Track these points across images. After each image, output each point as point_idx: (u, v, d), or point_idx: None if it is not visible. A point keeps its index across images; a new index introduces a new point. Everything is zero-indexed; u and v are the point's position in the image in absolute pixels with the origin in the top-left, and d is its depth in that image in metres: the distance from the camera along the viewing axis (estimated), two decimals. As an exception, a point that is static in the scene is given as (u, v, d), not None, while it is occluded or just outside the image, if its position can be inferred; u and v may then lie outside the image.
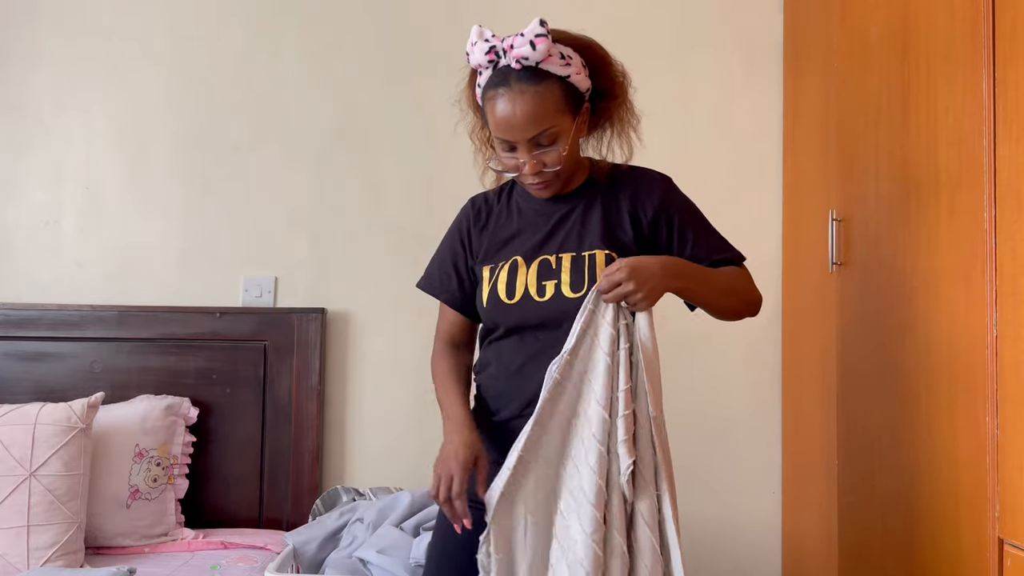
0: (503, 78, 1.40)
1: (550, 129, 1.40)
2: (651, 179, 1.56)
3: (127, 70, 2.54)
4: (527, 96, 1.38)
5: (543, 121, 1.39)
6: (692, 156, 2.52)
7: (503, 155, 1.46)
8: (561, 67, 1.41)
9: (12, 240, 2.52)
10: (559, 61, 1.41)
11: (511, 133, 1.40)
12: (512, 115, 1.39)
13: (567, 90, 1.42)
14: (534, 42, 1.37)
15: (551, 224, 1.52)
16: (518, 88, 1.39)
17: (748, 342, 2.50)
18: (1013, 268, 1.36)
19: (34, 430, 2.03)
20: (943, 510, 1.55)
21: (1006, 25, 1.39)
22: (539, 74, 1.39)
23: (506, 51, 1.39)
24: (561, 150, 1.42)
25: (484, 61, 1.41)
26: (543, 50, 1.37)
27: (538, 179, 1.45)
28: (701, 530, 2.47)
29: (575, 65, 1.44)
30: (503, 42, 1.40)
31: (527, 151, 1.42)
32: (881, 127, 1.83)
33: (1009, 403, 1.36)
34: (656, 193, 1.53)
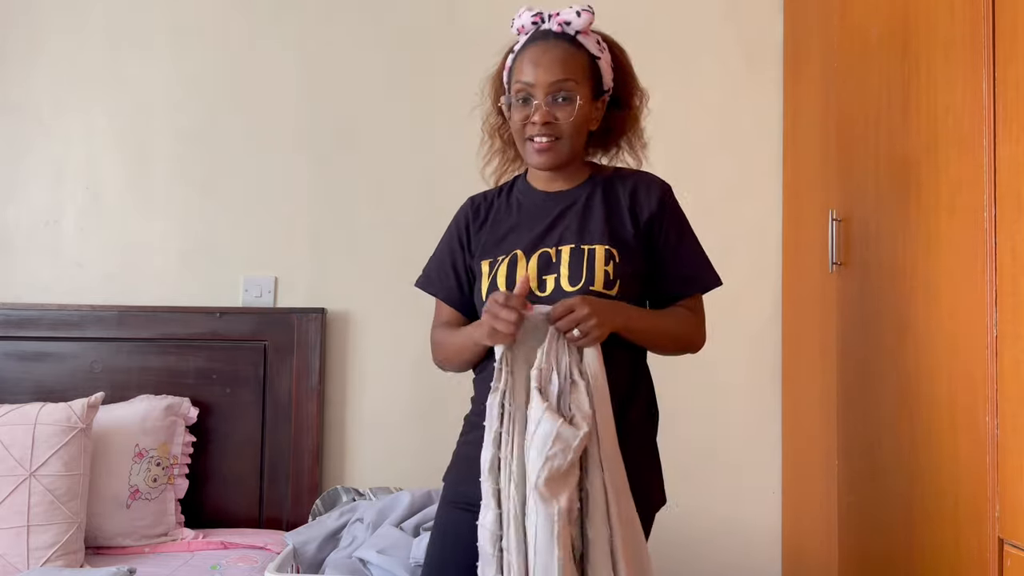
0: (542, 35, 1.49)
1: (570, 81, 1.46)
2: (650, 182, 1.57)
3: (127, 70, 2.54)
4: (559, 49, 1.46)
5: (567, 71, 1.46)
6: (692, 156, 2.52)
7: (517, 108, 1.49)
8: (595, 48, 1.50)
9: (12, 240, 2.52)
10: (595, 43, 1.51)
11: (535, 74, 1.46)
12: (542, 59, 1.46)
13: (594, 68, 1.50)
14: (580, 12, 1.47)
15: (551, 217, 1.52)
16: (553, 42, 1.47)
17: (748, 342, 2.50)
18: (1013, 268, 1.36)
19: (34, 430, 2.03)
20: (943, 510, 1.55)
21: (1006, 25, 1.39)
22: (575, 41, 1.48)
23: (551, 16, 1.49)
24: (575, 107, 1.46)
25: (528, 24, 1.50)
26: (586, 20, 1.47)
27: (545, 130, 1.46)
28: (701, 530, 2.47)
29: (606, 57, 1.52)
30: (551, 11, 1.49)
31: (543, 96, 1.46)
32: (881, 127, 1.83)
33: (1009, 403, 1.36)
34: (654, 197, 1.54)
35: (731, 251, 2.51)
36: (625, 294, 1.46)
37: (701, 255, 1.57)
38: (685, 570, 2.46)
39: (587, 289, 1.44)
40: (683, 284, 1.55)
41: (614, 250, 1.46)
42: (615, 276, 1.45)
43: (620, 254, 1.46)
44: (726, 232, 2.51)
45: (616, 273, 1.45)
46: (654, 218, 1.52)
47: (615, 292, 1.45)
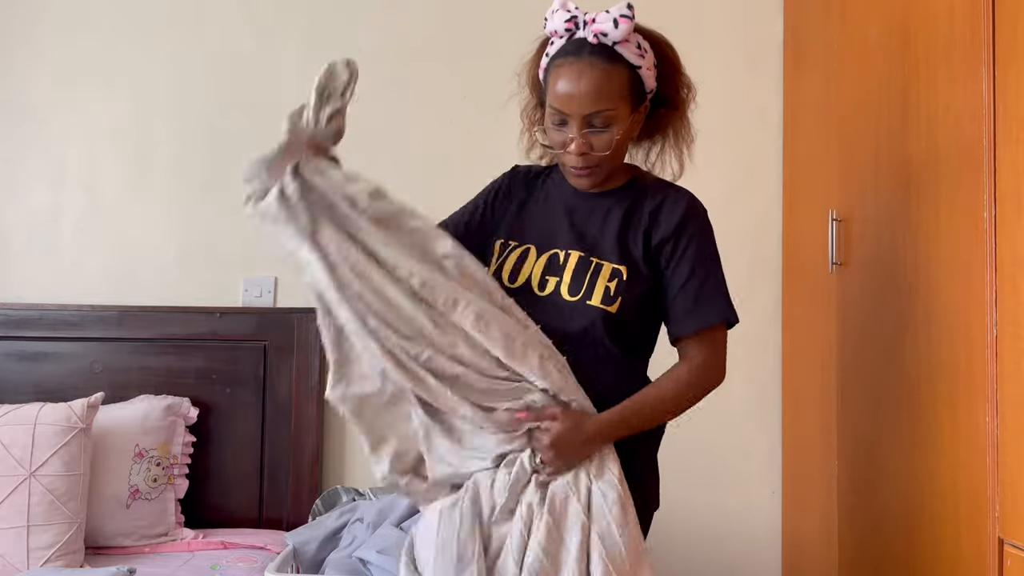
0: (576, 48, 1.38)
1: (607, 111, 1.37)
2: (678, 199, 1.48)
3: (127, 70, 2.54)
4: (596, 71, 1.36)
5: (604, 100, 1.37)
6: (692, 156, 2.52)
7: (553, 129, 1.42)
8: (635, 56, 1.39)
9: (12, 240, 2.52)
10: (635, 49, 1.39)
11: (569, 104, 1.37)
12: (576, 86, 1.36)
13: (634, 80, 1.40)
14: (618, 20, 1.35)
15: (573, 218, 1.48)
16: (588, 61, 1.36)
17: (748, 342, 2.50)
18: (1013, 268, 1.36)
19: (34, 430, 2.03)
20: (943, 510, 1.55)
21: (1006, 25, 1.39)
22: (612, 54, 1.37)
23: (586, 23, 1.37)
24: (614, 135, 1.39)
25: (562, 29, 1.39)
26: (624, 31, 1.36)
27: (581, 161, 1.41)
28: (701, 530, 2.47)
29: (648, 60, 1.42)
30: (586, 15, 1.38)
31: (579, 128, 1.38)
32: (881, 127, 1.83)
33: (1009, 403, 1.36)
34: (676, 215, 1.45)
35: (731, 251, 2.51)
36: (625, 314, 1.41)
37: (711, 288, 1.44)
38: (685, 570, 2.46)
39: (584, 303, 1.41)
40: (681, 320, 1.44)
41: (623, 268, 1.42)
42: (616, 294, 1.41)
43: (629, 273, 1.42)
44: (726, 232, 2.51)
45: (618, 291, 1.41)
46: (666, 241, 1.44)
47: (614, 309, 1.41)
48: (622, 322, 1.42)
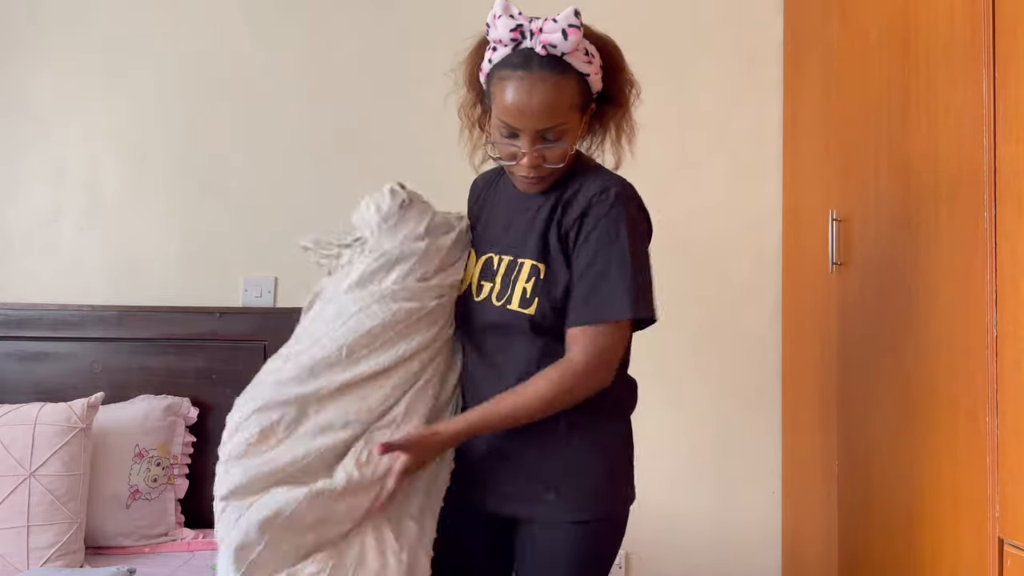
0: (525, 61, 1.31)
1: (560, 125, 1.33)
2: (592, 184, 1.40)
3: (127, 70, 2.54)
4: (547, 86, 1.30)
5: (556, 115, 1.32)
6: (693, 156, 2.53)
7: (501, 140, 1.37)
8: (583, 63, 1.34)
9: (12, 240, 2.52)
10: (583, 57, 1.33)
11: (521, 120, 1.32)
12: (526, 103, 1.30)
13: (582, 88, 1.35)
14: (567, 32, 1.28)
15: (510, 221, 1.46)
16: (539, 75, 1.30)
17: (748, 342, 2.50)
18: (1013, 268, 1.36)
19: (34, 430, 2.03)
20: (943, 510, 1.55)
21: (1006, 25, 1.39)
22: (562, 65, 1.31)
23: (533, 33, 1.30)
24: (566, 148, 1.35)
25: (507, 38, 1.31)
26: (574, 41, 1.29)
27: (534, 173, 1.37)
28: (701, 529, 2.47)
29: (595, 65, 1.37)
30: (531, 23, 1.31)
31: (531, 142, 1.33)
32: (881, 127, 1.83)
33: (1009, 403, 1.36)
34: (584, 200, 1.38)
35: (731, 251, 2.52)
36: (544, 315, 1.37)
37: (613, 278, 1.35)
38: (685, 570, 2.46)
39: (506, 308, 1.39)
40: (573, 310, 1.36)
41: (540, 266, 1.38)
42: (532, 295, 1.37)
43: (547, 270, 1.38)
44: (726, 232, 2.52)
45: (534, 292, 1.37)
46: (571, 228, 1.38)
47: (532, 311, 1.37)
48: (544, 323, 1.38)
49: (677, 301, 2.50)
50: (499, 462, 1.43)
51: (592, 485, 1.41)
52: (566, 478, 1.40)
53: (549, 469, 1.40)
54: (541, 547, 1.41)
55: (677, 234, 2.52)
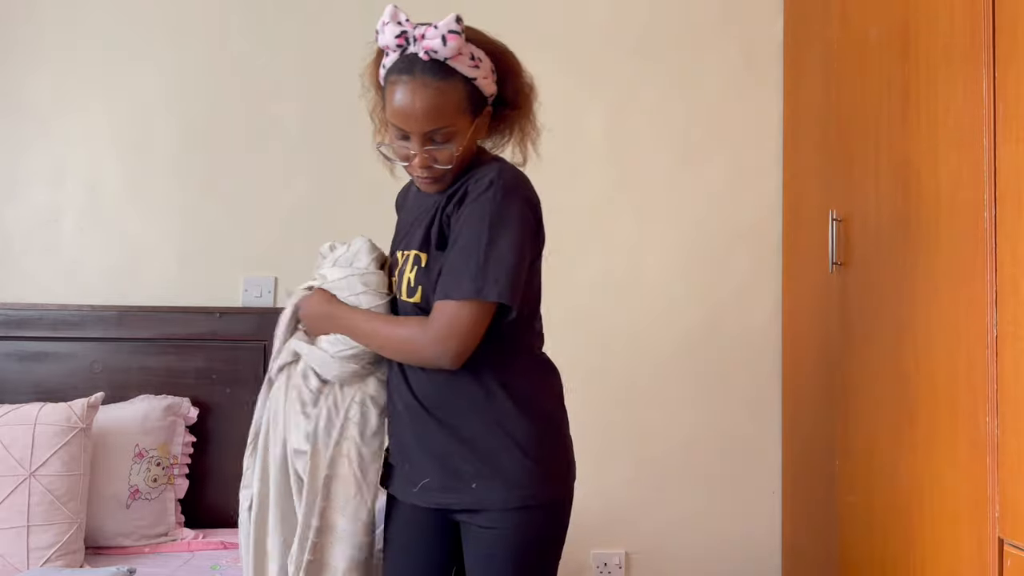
0: (409, 66, 1.36)
1: (446, 128, 1.37)
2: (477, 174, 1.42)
3: (127, 70, 2.54)
4: (429, 90, 1.35)
5: (441, 118, 1.36)
6: (692, 156, 2.53)
7: (396, 142, 1.43)
8: (469, 68, 1.38)
9: (12, 240, 2.51)
10: (468, 62, 1.38)
11: (407, 123, 1.37)
12: (411, 106, 1.35)
13: (471, 91, 1.39)
14: (446, 37, 1.33)
15: (415, 217, 1.52)
16: (421, 80, 1.35)
17: (748, 342, 2.50)
18: (1013, 268, 1.36)
19: (34, 430, 2.03)
20: (943, 510, 1.55)
21: (1006, 25, 1.39)
22: (445, 70, 1.36)
23: (416, 39, 1.36)
24: (454, 150, 1.39)
25: (393, 44, 1.37)
26: (454, 47, 1.34)
27: (427, 173, 1.41)
28: (701, 529, 2.47)
29: (484, 69, 1.40)
30: (415, 29, 1.36)
31: (420, 144, 1.38)
32: (881, 127, 1.83)
33: (1009, 403, 1.36)
34: (464, 188, 1.42)
35: (731, 251, 2.52)
36: (428, 301, 1.41)
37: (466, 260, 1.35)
38: (685, 570, 2.46)
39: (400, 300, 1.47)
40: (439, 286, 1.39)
41: (422, 254, 1.43)
42: (416, 283, 1.43)
43: (427, 258, 1.42)
44: (726, 232, 2.52)
45: (417, 280, 1.42)
46: (453, 212, 1.42)
47: (418, 299, 1.42)
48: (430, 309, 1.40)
49: (677, 301, 2.51)
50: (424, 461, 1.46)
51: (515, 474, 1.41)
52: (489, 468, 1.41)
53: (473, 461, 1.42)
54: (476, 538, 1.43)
55: (677, 234, 2.52)
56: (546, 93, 2.52)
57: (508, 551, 1.40)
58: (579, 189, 2.52)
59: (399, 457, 1.51)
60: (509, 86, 1.47)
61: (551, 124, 2.51)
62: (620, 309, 2.50)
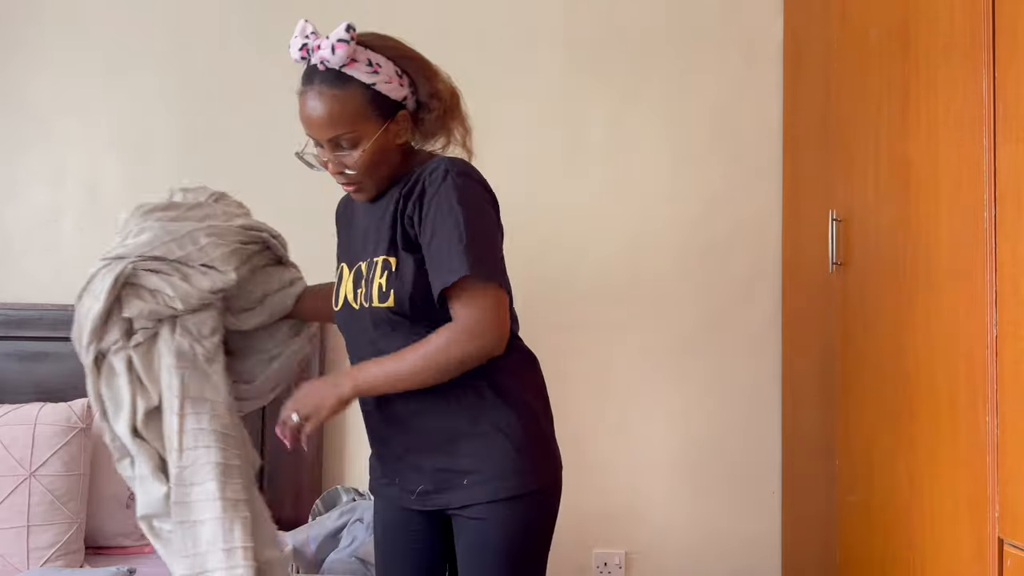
0: (309, 76, 1.42)
1: (349, 133, 1.41)
2: (425, 170, 1.44)
3: (127, 70, 2.54)
4: (325, 98, 1.40)
5: (340, 125, 1.40)
6: (692, 156, 2.53)
7: (314, 150, 1.48)
8: (367, 74, 1.41)
9: (12, 240, 2.52)
10: (365, 68, 1.41)
11: (312, 131, 1.43)
12: (312, 114, 1.41)
13: (373, 97, 1.42)
14: (335, 47, 1.38)
15: (366, 229, 1.52)
16: (319, 89, 1.40)
17: (748, 342, 2.50)
18: (1013, 268, 1.36)
19: (34, 430, 2.03)
20: (943, 510, 1.55)
21: (1006, 25, 1.39)
22: (341, 78, 1.40)
23: (314, 50, 1.40)
24: (360, 155, 1.42)
25: (298, 56, 1.43)
26: (343, 55, 1.38)
27: (342, 179, 1.46)
28: (701, 529, 2.47)
29: (384, 74, 1.43)
30: (315, 41, 1.41)
31: (329, 151, 1.43)
32: (881, 127, 1.83)
33: (1009, 403, 1.36)
34: (419, 186, 1.42)
35: (731, 251, 2.52)
36: (403, 303, 1.41)
37: (454, 242, 1.36)
38: (685, 570, 2.46)
39: (367, 307, 1.45)
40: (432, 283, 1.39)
41: (391, 259, 1.43)
42: (388, 287, 1.42)
43: (397, 262, 1.43)
44: (726, 232, 2.52)
45: (389, 284, 1.42)
46: (412, 213, 1.42)
47: (391, 303, 1.41)
48: (406, 311, 1.41)
49: (677, 301, 2.51)
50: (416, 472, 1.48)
51: (503, 466, 1.43)
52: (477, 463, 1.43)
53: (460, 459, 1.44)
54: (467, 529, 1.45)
55: (677, 234, 2.52)
56: (546, 93, 2.54)
57: (498, 541, 1.42)
58: (579, 189, 2.52)
59: (390, 472, 1.54)
60: (422, 90, 1.49)
61: (551, 124, 2.53)
62: (619, 308, 2.50)
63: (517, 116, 2.53)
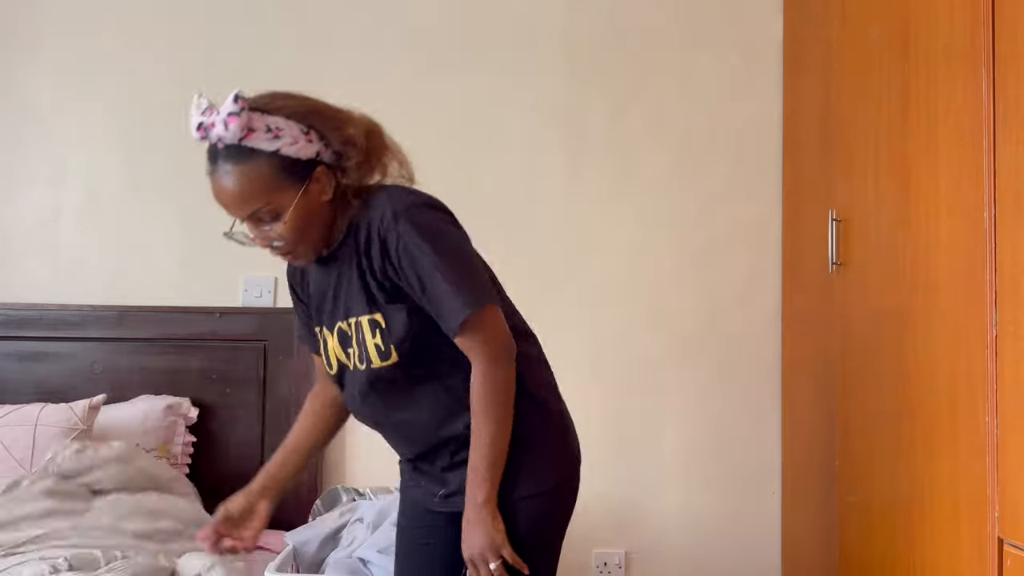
0: (212, 156, 1.33)
1: (265, 207, 1.34)
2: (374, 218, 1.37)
3: (127, 70, 2.54)
4: (231, 176, 1.31)
5: (252, 201, 1.33)
6: (692, 156, 2.53)
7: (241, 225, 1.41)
8: (268, 141, 1.30)
9: (12, 240, 2.52)
10: (265, 136, 1.30)
11: (228, 211, 1.37)
12: (222, 196, 1.34)
13: (281, 164, 1.32)
14: (226, 122, 1.27)
15: (330, 288, 1.45)
16: (223, 168, 1.32)
17: (748, 342, 2.50)
18: (1013, 268, 1.36)
19: (35, 431, 2.03)
20: (943, 510, 1.55)
21: (1006, 25, 1.39)
22: (243, 152, 1.30)
23: (209, 128, 1.30)
24: (283, 226, 1.34)
25: (197, 137, 1.32)
26: (236, 130, 1.27)
27: (275, 252, 1.40)
28: (701, 529, 2.47)
29: (288, 136, 1.32)
30: (208, 117, 1.29)
31: (251, 226, 1.37)
32: (881, 127, 1.83)
33: (1009, 403, 1.36)
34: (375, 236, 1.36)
35: (731, 251, 2.52)
36: (405, 354, 1.38)
37: (444, 287, 1.34)
38: (685, 570, 2.46)
39: (370, 369, 1.41)
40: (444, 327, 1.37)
41: (377, 316, 1.38)
42: (386, 345, 1.38)
43: (385, 318, 1.38)
44: (726, 232, 2.52)
45: (386, 341, 1.38)
46: (384, 266, 1.37)
47: (393, 360, 1.38)
48: (411, 360, 1.39)
49: (677, 301, 2.51)
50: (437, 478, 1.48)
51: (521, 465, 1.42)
52: None
53: None
54: None
55: (677, 234, 2.52)
56: (546, 93, 2.53)
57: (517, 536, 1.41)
58: (579, 189, 2.52)
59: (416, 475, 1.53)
60: (334, 141, 1.38)
61: (551, 124, 2.53)
62: (620, 309, 2.50)
63: (517, 116, 2.53)
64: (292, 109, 1.35)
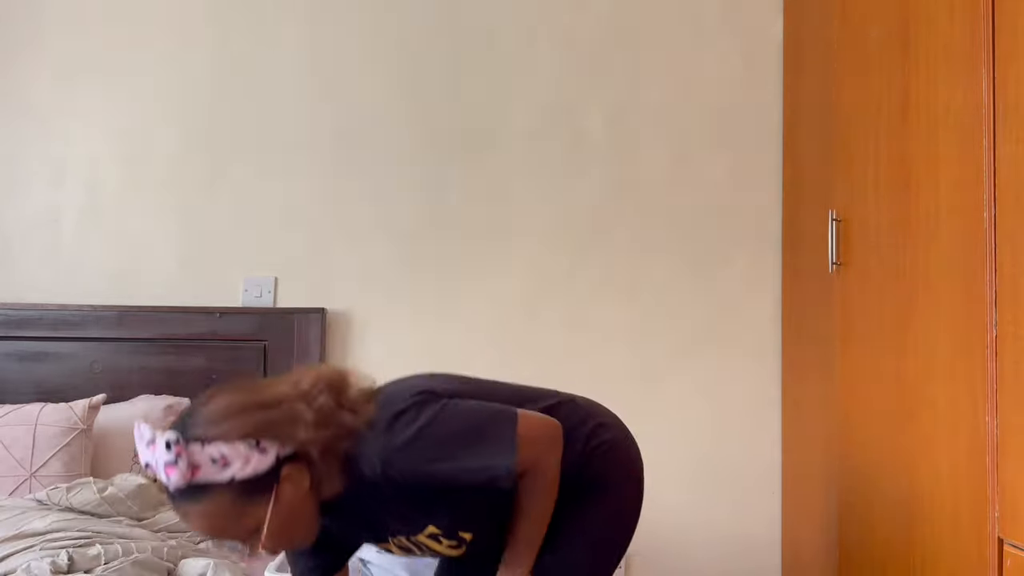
0: (169, 495, 1.21)
1: (227, 540, 1.28)
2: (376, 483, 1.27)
3: (128, 70, 2.54)
4: (192, 516, 1.20)
5: (223, 533, 1.24)
6: (692, 156, 2.53)
7: None
8: (217, 472, 1.17)
9: (12, 240, 2.52)
10: (212, 468, 1.17)
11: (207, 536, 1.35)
12: (195, 531, 1.27)
13: (239, 489, 1.18)
14: (166, 472, 1.16)
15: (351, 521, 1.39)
16: (183, 509, 1.21)
17: (748, 342, 2.50)
18: (1013, 268, 1.36)
19: (35, 431, 2.03)
20: (943, 510, 1.55)
21: (1006, 25, 1.39)
22: (195, 491, 1.18)
23: (155, 470, 1.19)
24: (265, 539, 1.22)
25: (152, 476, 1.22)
26: (179, 477, 1.15)
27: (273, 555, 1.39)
28: (701, 530, 2.47)
29: (238, 460, 1.18)
30: (153, 454, 1.18)
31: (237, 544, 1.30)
32: (881, 127, 1.83)
33: (1009, 403, 1.36)
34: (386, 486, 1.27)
35: (731, 251, 2.52)
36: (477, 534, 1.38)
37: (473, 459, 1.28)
38: (685, 570, 2.46)
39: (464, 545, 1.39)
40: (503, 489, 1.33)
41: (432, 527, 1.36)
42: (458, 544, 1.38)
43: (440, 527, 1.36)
44: (726, 232, 2.52)
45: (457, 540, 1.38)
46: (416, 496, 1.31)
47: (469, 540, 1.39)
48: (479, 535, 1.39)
49: (677, 301, 2.51)
50: None
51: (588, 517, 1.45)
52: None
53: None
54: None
55: (677, 234, 2.52)
56: (547, 92, 2.53)
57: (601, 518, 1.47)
58: (579, 189, 2.52)
59: None
60: (289, 447, 1.22)
61: (552, 124, 2.53)
62: (619, 309, 2.50)
63: (517, 116, 2.53)
64: (233, 430, 1.20)
